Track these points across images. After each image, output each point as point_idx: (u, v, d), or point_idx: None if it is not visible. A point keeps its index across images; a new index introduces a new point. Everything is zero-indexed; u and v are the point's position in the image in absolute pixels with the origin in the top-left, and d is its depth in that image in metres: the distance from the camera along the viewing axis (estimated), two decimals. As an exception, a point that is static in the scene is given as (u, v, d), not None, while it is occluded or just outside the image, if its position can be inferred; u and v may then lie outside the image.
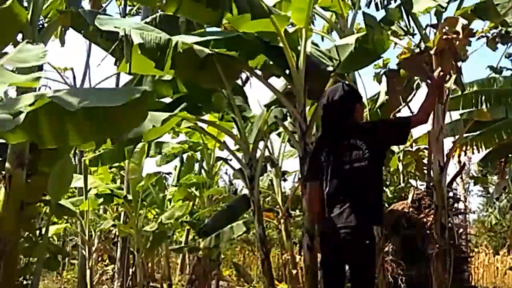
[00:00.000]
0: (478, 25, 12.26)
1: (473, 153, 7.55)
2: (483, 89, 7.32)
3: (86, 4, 8.69)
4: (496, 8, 4.76)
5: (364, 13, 4.91)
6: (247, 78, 6.30)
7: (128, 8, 12.06)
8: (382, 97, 6.50)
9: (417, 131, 8.14)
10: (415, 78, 6.31)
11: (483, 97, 7.16)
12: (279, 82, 6.21)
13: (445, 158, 5.67)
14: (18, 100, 2.69)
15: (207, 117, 7.12)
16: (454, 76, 5.86)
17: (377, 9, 5.75)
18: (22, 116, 2.48)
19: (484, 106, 7.15)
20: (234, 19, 4.74)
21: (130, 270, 10.33)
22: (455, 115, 7.99)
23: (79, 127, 2.67)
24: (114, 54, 4.86)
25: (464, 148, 7.48)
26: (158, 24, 5.29)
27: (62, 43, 6.54)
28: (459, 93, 7.04)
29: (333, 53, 5.63)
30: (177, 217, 9.55)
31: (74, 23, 5.28)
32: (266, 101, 6.38)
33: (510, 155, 8.15)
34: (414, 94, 6.62)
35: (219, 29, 5.55)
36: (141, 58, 4.40)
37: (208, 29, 5.53)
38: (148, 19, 5.49)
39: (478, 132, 7.53)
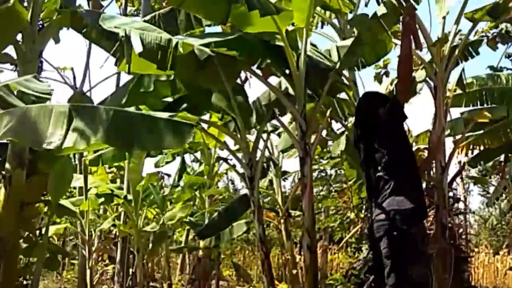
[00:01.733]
0: (478, 25, 12.18)
1: (483, 152, 7.54)
2: (485, 87, 7.30)
3: (86, 4, 8.70)
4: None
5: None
6: (246, 78, 6.30)
7: (129, 8, 12.04)
8: None
9: (417, 131, 8.14)
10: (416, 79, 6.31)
11: (486, 95, 7.15)
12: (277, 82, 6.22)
13: (446, 158, 5.67)
14: (45, 118, 2.63)
15: (207, 117, 7.11)
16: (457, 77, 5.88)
17: (378, 3, 5.73)
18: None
19: (486, 105, 7.14)
20: (237, 18, 4.73)
21: (130, 270, 10.33)
22: (456, 114, 7.99)
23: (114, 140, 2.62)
24: (115, 54, 4.86)
25: (470, 147, 7.46)
26: (157, 22, 5.29)
27: (57, 41, 6.51)
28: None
29: (333, 54, 5.63)
30: (179, 218, 9.55)
31: (73, 23, 5.28)
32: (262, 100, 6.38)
33: (510, 155, 8.15)
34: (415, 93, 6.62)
35: (219, 30, 5.55)
36: (141, 58, 4.40)
37: (208, 28, 5.53)
38: (147, 17, 5.49)
39: (481, 132, 7.53)
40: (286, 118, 7.05)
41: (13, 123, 2.65)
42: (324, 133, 7.58)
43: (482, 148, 7.45)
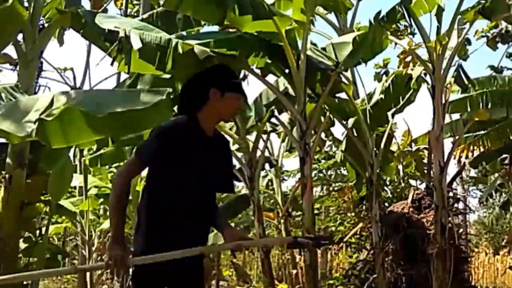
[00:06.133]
0: (478, 25, 12.24)
1: (483, 153, 7.55)
2: (485, 90, 7.31)
3: (86, 4, 8.70)
4: (507, 3, 4.77)
5: (377, 14, 4.93)
6: (245, 76, 6.31)
7: (129, 10, 12.04)
8: (377, 96, 6.49)
9: (417, 131, 8.15)
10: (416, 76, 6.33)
11: (487, 98, 7.16)
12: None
13: (445, 158, 5.68)
14: (30, 104, 2.62)
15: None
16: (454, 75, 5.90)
17: None
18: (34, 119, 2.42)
19: (486, 107, 7.15)
20: (236, 19, 4.73)
21: (130, 270, 10.32)
22: (455, 115, 7.99)
23: (100, 125, 2.56)
24: (112, 54, 4.85)
25: (471, 148, 7.48)
26: (156, 20, 5.28)
27: (61, 43, 6.54)
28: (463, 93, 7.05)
29: (329, 51, 5.63)
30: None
31: (73, 23, 5.27)
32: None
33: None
34: (416, 94, 6.63)
35: (217, 29, 5.56)
36: (140, 58, 4.40)
37: (207, 27, 5.52)
38: (145, 15, 5.49)
39: (482, 132, 7.54)
40: (286, 118, 7.05)
41: (2, 112, 2.67)
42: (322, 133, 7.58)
43: (482, 149, 7.47)
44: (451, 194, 6.75)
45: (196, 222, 2.46)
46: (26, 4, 5.01)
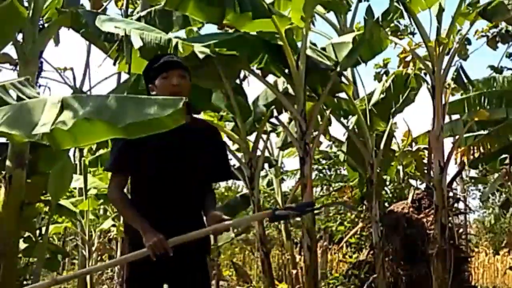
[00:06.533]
0: (478, 24, 12.23)
1: (483, 154, 7.55)
2: (484, 90, 7.32)
3: (86, 4, 8.70)
4: (507, 7, 4.78)
5: (368, 10, 4.92)
6: (245, 76, 6.31)
7: (129, 10, 12.02)
8: (377, 95, 6.49)
9: (417, 131, 8.15)
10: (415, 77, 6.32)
11: (485, 99, 7.16)
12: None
13: (445, 158, 5.68)
14: (37, 112, 2.59)
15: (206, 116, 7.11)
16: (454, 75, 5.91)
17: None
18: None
19: (487, 107, 7.15)
20: (235, 19, 4.74)
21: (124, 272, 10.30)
22: (456, 116, 7.99)
23: (111, 127, 2.53)
24: (112, 55, 4.85)
25: (471, 151, 7.47)
26: (153, 18, 5.28)
27: (57, 42, 6.52)
28: (462, 95, 7.05)
29: (329, 51, 5.63)
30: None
31: (73, 23, 5.27)
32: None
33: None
34: (416, 94, 6.63)
35: (216, 29, 5.56)
36: (141, 58, 4.40)
37: (205, 26, 5.51)
38: (143, 13, 5.49)
39: (482, 133, 7.53)
40: (285, 118, 7.06)
41: (9, 115, 2.65)
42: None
43: (483, 150, 7.46)
44: (451, 194, 6.75)
45: (180, 215, 2.42)
46: (26, 4, 5.01)
